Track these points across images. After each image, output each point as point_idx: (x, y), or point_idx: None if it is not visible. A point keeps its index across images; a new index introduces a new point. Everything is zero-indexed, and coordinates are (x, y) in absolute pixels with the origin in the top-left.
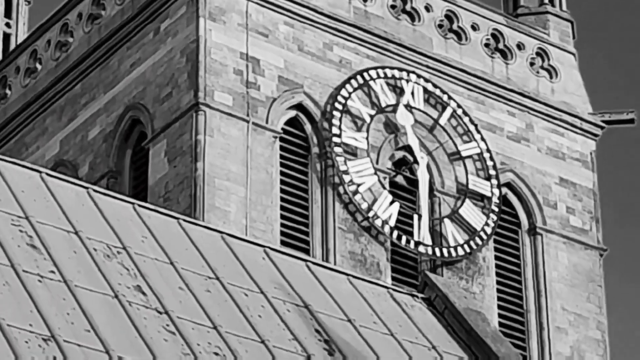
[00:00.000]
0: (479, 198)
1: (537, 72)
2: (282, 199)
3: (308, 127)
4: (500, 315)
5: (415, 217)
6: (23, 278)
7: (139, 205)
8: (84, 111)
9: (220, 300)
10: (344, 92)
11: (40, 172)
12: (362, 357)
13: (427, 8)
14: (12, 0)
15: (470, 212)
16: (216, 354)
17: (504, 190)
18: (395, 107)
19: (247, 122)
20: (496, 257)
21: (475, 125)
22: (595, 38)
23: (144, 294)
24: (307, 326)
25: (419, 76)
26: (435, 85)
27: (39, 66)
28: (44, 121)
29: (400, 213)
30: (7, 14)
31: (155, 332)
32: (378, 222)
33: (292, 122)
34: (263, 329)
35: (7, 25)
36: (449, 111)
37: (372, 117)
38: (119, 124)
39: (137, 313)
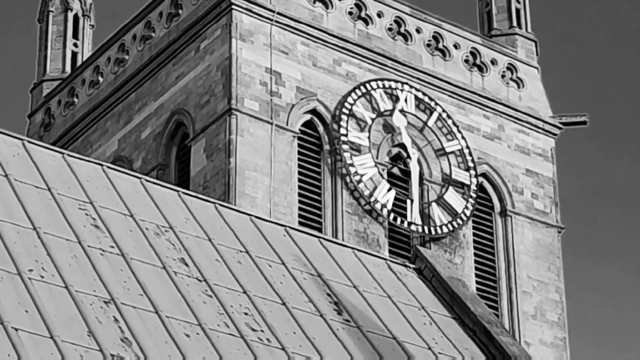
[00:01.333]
0: (460, 186)
1: (507, 83)
2: (299, 187)
3: (321, 128)
4: (477, 282)
5: (408, 201)
6: (88, 252)
7: (183, 193)
8: (137, 115)
9: (249, 270)
10: (350, 100)
11: (102, 165)
12: (365, 317)
13: (418, 30)
14: (78, 24)
15: (453, 197)
16: (246, 313)
17: (480, 179)
18: (391, 112)
19: (271, 124)
20: (474, 234)
21: (457, 127)
22: (556, 53)
23: (187, 265)
24: (320, 291)
25: (411, 86)
26: (424, 94)
27: (100, 79)
28: (105, 124)
29: (395, 198)
30: (75, 35)
31: (196, 296)
32: (378, 206)
33: (308, 124)
34: (284, 293)
35: (75, 45)
36: (435, 115)
37: (372, 119)
38: (166, 126)
39: (181, 281)
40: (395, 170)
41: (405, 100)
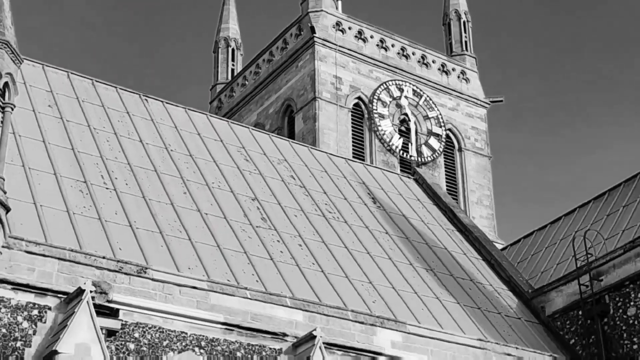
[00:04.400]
0: (437, 135)
1: (461, 81)
2: (352, 138)
3: (363, 107)
4: (447, 186)
5: (410, 144)
6: (243, 173)
7: (291, 142)
8: (266, 101)
9: (327, 182)
10: (377, 91)
11: (248, 128)
12: (387, 204)
13: (413, 53)
14: (235, 53)
15: (433, 141)
16: (325, 204)
17: (447, 132)
18: (400, 97)
19: (336, 105)
20: (445, 161)
21: (435, 104)
22: (487, 64)
23: (294, 179)
24: (365, 191)
25: (410, 83)
26: (417, 87)
27: (246, 82)
28: (250, 106)
29: (403, 143)
30: (232, 59)
31: (299, 195)
32: (393, 147)
33: (356, 105)
34: (345, 193)
35: (232, 64)
36: (423, 98)
37: (390, 101)
38: (282, 106)
39: (292, 188)
40: (403, 128)
41: (407, 91)
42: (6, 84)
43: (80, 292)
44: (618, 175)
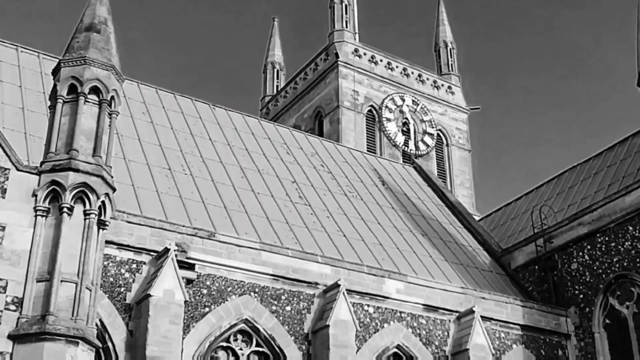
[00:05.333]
0: (431, 134)
1: (448, 94)
2: (367, 137)
3: (374, 112)
4: (437, 172)
5: (410, 141)
6: (285, 163)
7: (321, 139)
8: (302, 109)
9: (349, 170)
10: (385, 101)
11: (289, 129)
12: (393, 186)
13: (412, 73)
14: (279, 74)
15: (428, 139)
16: (347, 186)
17: (438, 131)
18: (402, 105)
19: (354, 111)
20: (436, 153)
21: (429, 111)
22: (469, 81)
23: (323, 167)
24: (376, 176)
25: (410, 95)
26: (415, 98)
27: (287, 95)
28: (290, 112)
29: (404, 140)
30: (277, 78)
31: (328, 179)
32: (397, 144)
33: (369, 111)
34: (361, 177)
35: (278, 81)
36: (420, 106)
37: (395, 109)
38: (313, 113)
39: (322, 174)
40: (404, 129)
41: (408, 101)
42: (112, 97)
43: (166, 251)
44: (563, 164)
